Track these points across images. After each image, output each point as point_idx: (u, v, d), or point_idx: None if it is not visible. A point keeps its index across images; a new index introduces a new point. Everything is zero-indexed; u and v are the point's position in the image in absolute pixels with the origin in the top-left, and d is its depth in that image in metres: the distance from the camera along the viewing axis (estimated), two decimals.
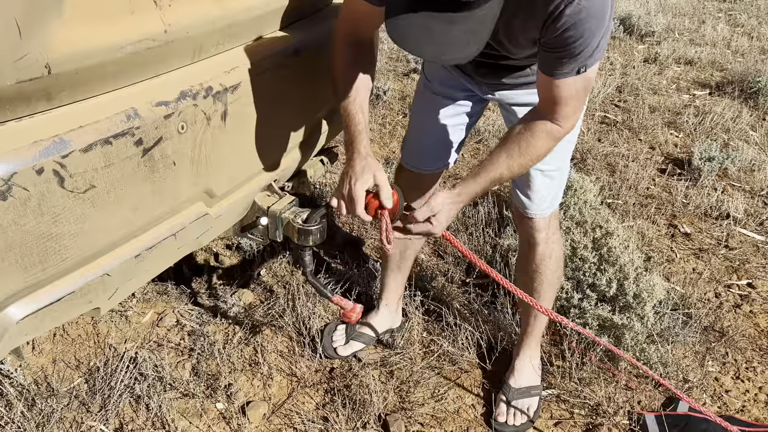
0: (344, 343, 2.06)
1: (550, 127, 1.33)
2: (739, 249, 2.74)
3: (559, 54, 1.22)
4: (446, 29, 1.02)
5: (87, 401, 1.79)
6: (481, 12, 1.04)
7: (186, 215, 1.33)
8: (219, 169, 1.37)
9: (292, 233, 1.56)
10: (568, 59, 1.22)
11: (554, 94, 1.29)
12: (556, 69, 1.25)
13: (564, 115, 1.31)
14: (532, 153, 1.35)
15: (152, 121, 1.16)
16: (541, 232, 1.74)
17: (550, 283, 1.83)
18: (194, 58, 1.31)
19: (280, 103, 1.53)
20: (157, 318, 2.13)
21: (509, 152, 1.37)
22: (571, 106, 1.31)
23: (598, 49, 1.22)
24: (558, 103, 1.30)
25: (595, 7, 1.15)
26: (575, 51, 1.20)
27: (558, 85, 1.27)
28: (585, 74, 1.25)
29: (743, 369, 2.13)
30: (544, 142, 1.35)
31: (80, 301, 1.15)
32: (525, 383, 1.91)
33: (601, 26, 1.18)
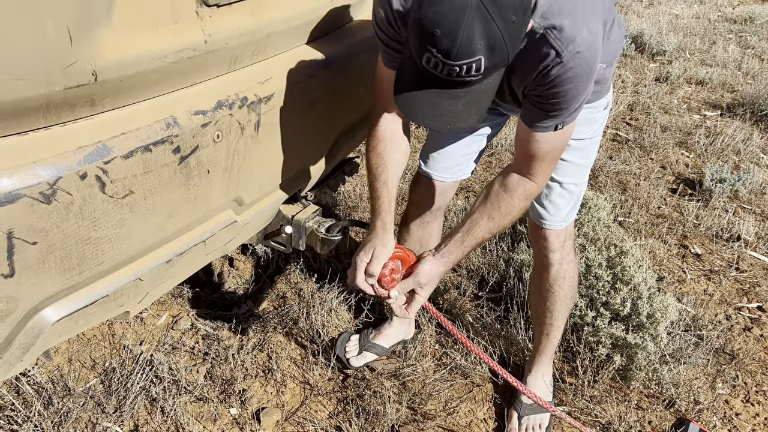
0: (357, 354, 2.07)
1: (527, 187, 1.38)
2: (749, 272, 2.75)
3: (543, 108, 1.28)
4: (451, 104, 1.13)
5: (102, 402, 1.80)
6: (481, 87, 1.12)
7: (216, 222, 1.35)
8: (249, 177, 1.39)
9: (315, 243, 1.58)
10: (550, 115, 1.28)
11: (532, 147, 1.34)
12: (537, 122, 1.30)
13: (539, 172, 1.37)
14: (511, 214, 1.40)
15: (190, 129, 1.17)
16: (555, 252, 1.75)
17: (563, 302, 1.84)
18: (230, 68, 1.33)
19: (308, 114, 1.55)
20: (172, 321, 2.15)
21: (490, 215, 1.41)
22: (546, 162, 1.36)
23: (578, 109, 1.29)
24: (535, 158, 1.35)
25: (583, 69, 1.20)
26: (559, 107, 1.25)
27: (537, 139, 1.32)
28: (563, 131, 1.31)
29: (753, 392, 2.13)
30: (520, 202, 1.39)
31: (113, 305, 1.16)
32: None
33: (586, 87, 1.24)
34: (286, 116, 1.44)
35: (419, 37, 1.06)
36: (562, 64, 1.18)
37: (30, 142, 0.98)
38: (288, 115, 1.44)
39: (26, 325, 1.04)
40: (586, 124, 1.58)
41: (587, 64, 1.20)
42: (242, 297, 2.28)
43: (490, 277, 2.47)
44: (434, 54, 1.05)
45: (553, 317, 1.84)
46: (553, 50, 1.17)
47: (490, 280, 2.46)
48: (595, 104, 1.59)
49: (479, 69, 1.05)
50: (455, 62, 1.04)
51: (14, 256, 0.96)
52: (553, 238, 1.74)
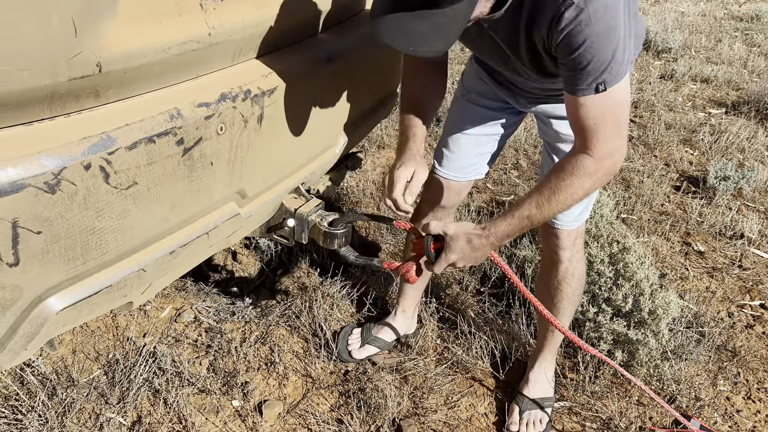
0: (359, 347, 2.08)
1: (583, 162, 1.27)
2: (752, 269, 2.74)
3: (572, 66, 1.21)
4: (415, 25, 1.10)
5: (106, 393, 1.81)
6: (451, 11, 1.09)
7: (219, 214, 1.35)
8: (252, 170, 1.39)
9: (318, 236, 1.58)
10: (582, 72, 1.20)
11: (580, 117, 1.26)
12: (574, 84, 1.23)
13: (594, 146, 1.26)
14: (564, 191, 1.29)
15: (193, 121, 1.18)
16: (566, 250, 1.74)
17: (570, 300, 1.83)
18: (234, 60, 1.33)
19: (312, 108, 1.55)
20: (175, 313, 2.16)
21: (540, 190, 1.32)
22: (601, 134, 1.25)
23: (615, 63, 1.18)
24: (585, 128, 1.26)
25: (598, 13, 1.13)
26: (586, 60, 1.18)
27: (581, 104, 1.24)
28: (607, 94, 1.21)
29: (755, 390, 2.13)
30: (577, 180, 1.28)
31: (116, 295, 1.17)
32: (539, 394, 1.93)
33: (610, 37, 1.16)
34: (289, 110, 1.44)
35: None
36: (574, 6, 1.12)
37: (35, 133, 0.98)
38: (292, 109, 1.45)
39: (30, 314, 1.05)
40: None
41: (604, 6, 1.13)
42: (245, 290, 2.29)
43: (492, 273, 2.47)
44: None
45: (559, 314, 1.84)
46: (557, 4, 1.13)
47: (492, 275, 2.46)
48: None
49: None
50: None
51: (19, 245, 0.97)
52: (564, 237, 1.73)
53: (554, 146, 1.68)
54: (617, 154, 1.28)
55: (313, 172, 1.67)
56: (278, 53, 1.46)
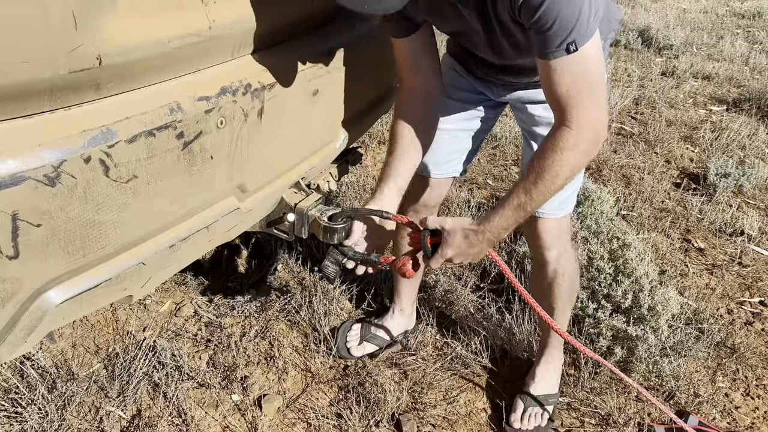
0: (358, 344, 2.08)
1: (562, 135, 1.22)
2: (752, 266, 2.74)
3: (538, 27, 1.17)
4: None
5: (106, 386, 1.81)
6: None
7: (219, 208, 1.35)
8: (252, 164, 1.39)
9: (318, 231, 1.58)
10: (549, 32, 1.16)
11: (553, 84, 1.21)
12: (543, 47, 1.19)
13: (571, 115, 1.21)
14: (550, 170, 1.24)
15: (194, 115, 1.18)
16: (551, 249, 1.70)
17: (563, 300, 1.81)
18: (234, 54, 1.33)
19: (312, 103, 1.55)
20: (175, 308, 2.16)
21: (527, 176, 1.28)
22: (575, 100, 1.20)
23: (582, 21, 1.14)
24: (560, 97, 1.21)
25: None
26: (548, 20, 1.14)
27: (553, 69, 1.20)
28: (578, 55, 1.17)
29: (753, 386, 2.14)
30: (559, 155, 1.23)
31: (116, 288, 1.17)
32: (543, 391, 1.93)
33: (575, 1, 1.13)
34: (290, 104, 1.44)
35: None
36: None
37: (35, 125, 0.98)
38: (292, 103, 1.45)
39: (30, 306, 1.05)
40: None
41: None
42: (245, 285, 2.29)
43: (492, 269, 2.48)
44: None
45: (555, 314, 1.82)
46: None
47: (492, 271, 2.47)
48: None
49: None
50: None
51: (19, 237, 0.97)
52: (546, 233, 1.67)
53: (531, 131, 1.65)
54: (598, 124, 1.23)
55: (313, 166, 1.67)
56: (279, 47, 1.45)
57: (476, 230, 1.34)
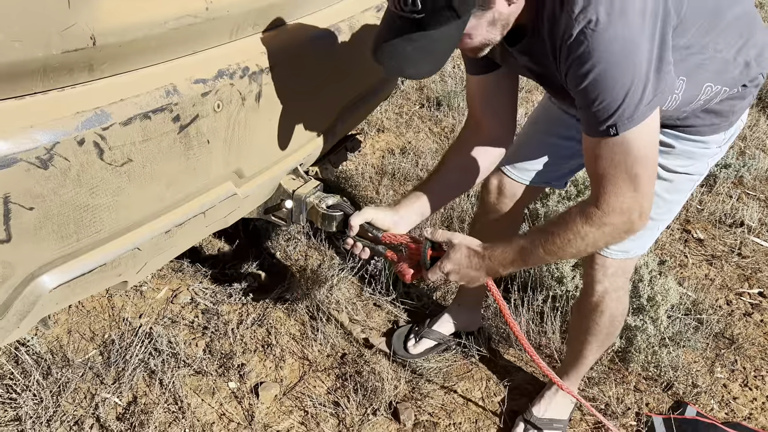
0: (415, 342, 2.03)
1: (589, 210, 1.16)
2: (751, 258, 2.73)
3: (578, 99, 1.13)
4: (403, 47, 1.09)
5: (101, 373, 1.80)
6: (436, 34, 1.07)
7: (215, 194, 1.33)
8: (250, 149, 1.37)
9: (316, 218, 1.56)
10: (586, 108, 1.11)
11: (589, 160, 1.16)
12: (583, 122, 1.15)
13: (602, 197, 1.14)
14: (563, 234, 1.19)
15: (190, 98, 1.16)
16: (600, 283, 1.57)
17: (596, 336, 1.68)
18: (232, 37, 1.30)
19: (311, 88, 1.53)
20: (172, 295, 2.14)
21: (545, 226, 1.25)
22: (610, 185, 1.13)
23: (628, 105, 1.06)
24: (594, 175, 1.16)
25: (606, 42, 1.03)
26: (588, 96, 1.08)
27: (591, 146, 1.14)
28: (619, 140, 1.09)
29: (751, 377, 2.13)
30: (579, 227, 1.17)
31: (110, 274, 1.16)
32: (550, 415, 1.83)
33: (621, 72, 1.04)
34: (288, 89, 1.42)
35: None
36: (579, 31, 1.03)
37: (27, 106, 0.96)
38: (291, 88, 1.42)
39: (23, 291, 1.03)
40: (687, 158, 1.40)
41: (613, 36, 1.02)
42: (242, 272, 2.27)
43: None
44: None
45: (583, 348, 1.72)
46: (565, 14, 1.05)
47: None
48: (707, 139, 1.38)
49: (415, 2, 1.02)
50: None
51: (11, 221, 0.95)
52: (599, 267, 1.55)
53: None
54: (634, 213, 1.14)
55: (311, 153, 1.65)
56: (278, 30, 1.43)
57: (479, 253, 1.30)
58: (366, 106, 1.97)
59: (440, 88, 3.86)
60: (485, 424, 1.86)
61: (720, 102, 1.33)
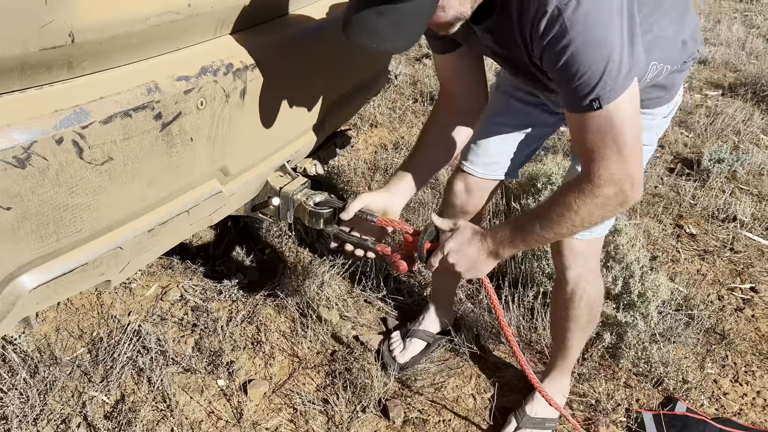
0: (402, 349, 2.01)
1: (581, 185, 1.16)
2: (744, 252, 2.73)
3: (557, 78, 1.12)
4: (375, 21, 1.06)
5: (89, 371, 1.79)
6: (407, 6, 1.04)
7: (200, 192, 1.32)
8: (235, 147, 1.36)
9: (303, 215, 1.55)
10: (567, 85, 1.10)
11: (576, 136, 1.17)
12: (565, 100, 1.14)
13: (592, 170, 1.14)
14: (557, 209, 1.19)
15: (172, 95, 1.14)
16: (572, 269, 1.58)
17: (578, 325, 1.68)
18: (216, 33, 1.29)
19: (297, 84, 1.51)
20: (161, 292, 2.13)
21: (540, 204, 1.25)
22: (598, 156, 1.13)
23: (608, 77, 1.06)
24: (582, 150, 1.16)
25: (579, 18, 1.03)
26: (568, 74, 1.07)
27: (577, 123, 1.14)
28: (603, 112, 1.09)
29: (742, 372, 2.14)
30: (572, 200, 1.17)
31: (92, 273, 1.15)
32: (541, 414, 1.82)
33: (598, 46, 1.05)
34: (274, 85, 1.40)
35: None
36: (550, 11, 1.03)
37: (4, 105, 0.95)
38: (276, 85, 1.41)
39: (2, 291, 1.02)
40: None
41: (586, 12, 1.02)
42: (233, 269, 2.26)
43: None
44: None
45: (566, 337, 1.71)
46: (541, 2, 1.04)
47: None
48: (653, 111, 1.43)
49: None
50: None
51: None
52: (568, 251, 1.56)
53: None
54: (625, 183, 1.14)
55: (299, 149, 1.64)
56: (264, 26, 1.41)
57: (482, 232, 1.30)
58: (356, 102, 1.95)
59: (434, 83, 3.85)
60: (475, 421, 1.86)
61: (664, 77, 1.38)
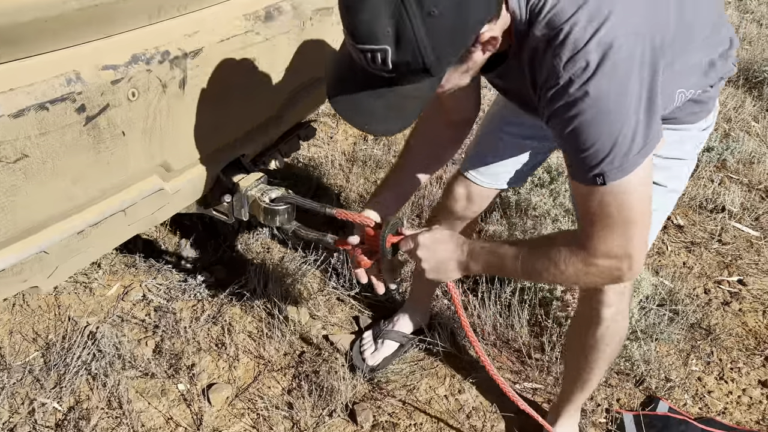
0: (373, 351, 1.92)
1: (574, 245, 1.07)
2: (732, 244, 2.65)
3: (562, 145, 1.03)
4: (372, 104, 0.97)
5: (41, 377, 1.71)
6: (406, 91, 0.95)
7: (138, 190, 1.23)
8: (177, 141, 1.27)
9: (258, 213, 1.47)
10: (572, 154, 1.01)
11: (576, 200, 1.08)
12: (569, 165, 1.05)
13: (590, 239, 1.04)
14: (548, 260, 1.10)
15: (97, 86, 1.05)
16: (610, 306, 1.42)
17: (607, 360, 1.54)
18: (152, 19, 1.19)
19: (248, 73, 1.42)
20: (123, 291, 2.05)
21: (532, 243, 1.16)
22: (598, 228, 1.03)
23: (617, 154, 0.96)
24: (582, 215, 1.06)
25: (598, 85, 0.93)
26: (574, 144, 0.98)
27: (578, 188, 1.04)
28: (608, 189, 0.99)
29: (728, 369, 2.06)
30: (562, 257, 1.08)
31: (13, 280, 1.06)
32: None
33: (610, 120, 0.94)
34: (220, 74, 1.31)
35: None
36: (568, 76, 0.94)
37: None
38: (223, 74, 1.32)
39: None
40: (678, 143, 1.30)
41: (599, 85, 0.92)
42: (199, 266, 2.18)
43: None
44: (344, 28, 0.92)
45: (592, 372, 1.57)
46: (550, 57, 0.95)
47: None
48: (689, 126, 1.31)
49: (385, 61, 0.88)
50: (359, 45, 0.89)
51: None
52: (612, 292, 1.39)
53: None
54: (623, 262, 1.04)
55: (255, 142, 1.55)
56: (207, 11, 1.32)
57: (458, 239, 1.22)
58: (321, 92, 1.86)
59: None
60: (449, 423, 1.78)
61: (697, 96, 1.24)
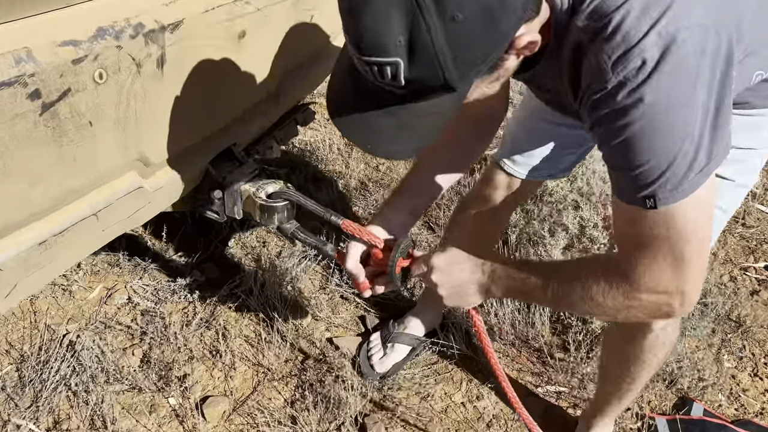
0: (381, 356, 1.76)
1: (614, 276, 0.92)
2: (756, 227, 2.50)
3: (606, 158, 0.88)
4: (382, 122, 0.82)
5: (15, 394, 1.54)
6: (420, 108, 0.79)
7: (112, 189, 1.05)
8: (156, 130, 1.08)
9: (254, 210, 1.28)
10: (618, 171, 0.87)
11: (622, 224, 0.93)
12: (613, 182, 0.90)
13: (635, 267, 0.89)
14: (583, 290, 0.95)
15: (54, 66, 0.86)
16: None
17: (651, 371, 1.40)
18: None
19: (239, 48, 1.23)
20: (106, 294, 1.87)
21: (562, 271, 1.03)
22: (646, 257, 0.88)
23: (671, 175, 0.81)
24: (628, 239, 0.91)
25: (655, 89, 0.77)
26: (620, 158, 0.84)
27: (623, 211, 0.90)
28: (659, 213, 0.84)
29: (761, 364, 1.92)
30: (600, 289, 0.93)
31: None
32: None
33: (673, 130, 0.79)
34: (204, 50, 1.12)
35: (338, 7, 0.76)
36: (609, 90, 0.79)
37: None
38: (208, 49, 1.13)
39: None
40: (751, 130, 1.13)
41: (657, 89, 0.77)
42: (189, 265, 2.00)
43: None
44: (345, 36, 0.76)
45: (634, 383, 1.43)
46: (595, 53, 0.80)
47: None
48: (763, 111, 1.14)
49: (396, 77, 0.73)
50: (364, 57, 0.73)
51: None
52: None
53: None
54: (674, 298, 0.89)
55: (247, 129, 1.36)
56: None
57: (476, 260, 1.06)
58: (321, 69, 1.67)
59: None
60: None
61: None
